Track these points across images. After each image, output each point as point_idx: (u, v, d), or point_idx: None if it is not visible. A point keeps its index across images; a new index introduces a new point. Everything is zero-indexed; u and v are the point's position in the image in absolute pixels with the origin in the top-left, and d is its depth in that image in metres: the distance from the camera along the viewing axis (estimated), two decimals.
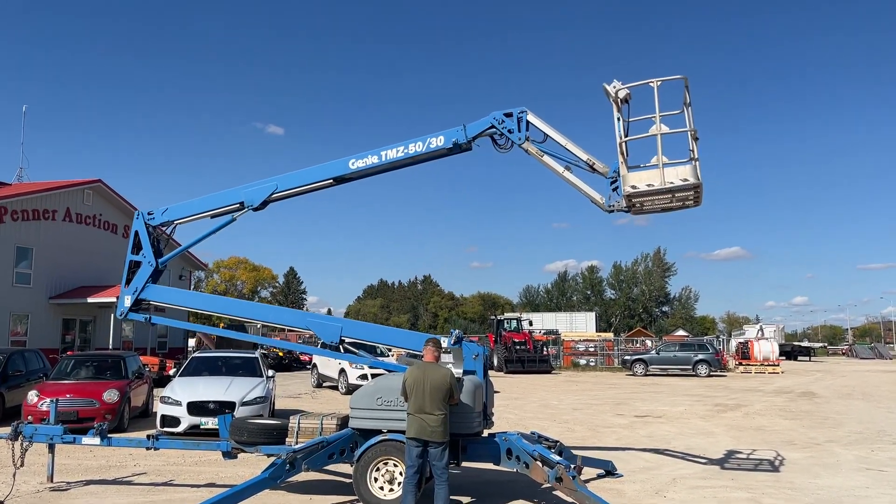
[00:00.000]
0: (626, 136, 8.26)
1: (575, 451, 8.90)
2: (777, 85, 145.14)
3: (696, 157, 8.02)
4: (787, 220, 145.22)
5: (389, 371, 8.86)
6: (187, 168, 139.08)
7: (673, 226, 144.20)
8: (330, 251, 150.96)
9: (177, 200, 10.10)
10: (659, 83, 7.98)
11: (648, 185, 8.05)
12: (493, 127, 8.95)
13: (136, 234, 9.76)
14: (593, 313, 75.67)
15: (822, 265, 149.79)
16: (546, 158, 8.79)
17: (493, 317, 45.69)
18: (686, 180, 7.94)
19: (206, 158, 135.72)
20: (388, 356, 23.20)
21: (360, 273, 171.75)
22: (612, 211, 8.59)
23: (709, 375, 34.58)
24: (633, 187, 8.11)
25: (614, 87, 8.24)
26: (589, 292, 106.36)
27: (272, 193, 9.58)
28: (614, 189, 8.46)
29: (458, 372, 7.94)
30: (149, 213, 9.88)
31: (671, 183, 7.95)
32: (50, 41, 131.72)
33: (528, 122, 8.85)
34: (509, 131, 8.85)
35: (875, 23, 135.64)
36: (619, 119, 8.30)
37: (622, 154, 8.24)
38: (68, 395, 12.95)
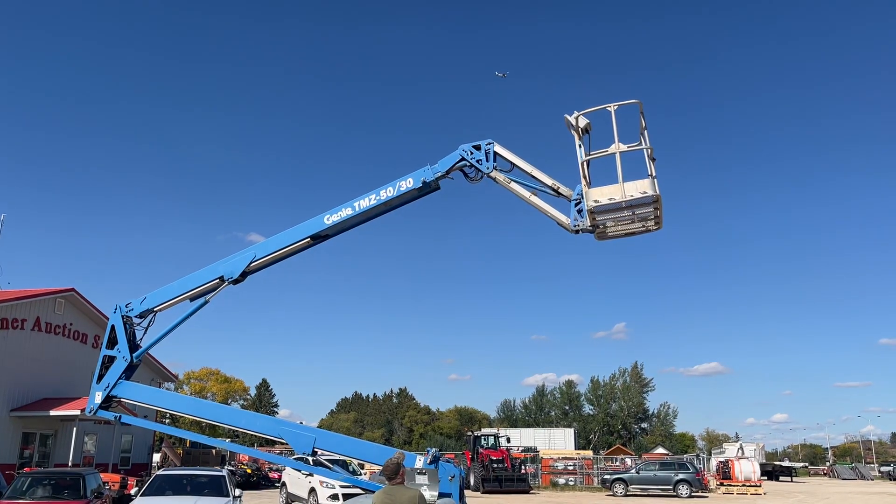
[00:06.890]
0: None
1: None
2: (756, 206, 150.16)
3: (654, 174, 8.43)
4: (764, 336, 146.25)
5: (363, 489, 8.58)
6: (166, 278, 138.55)
7: (651, 340, 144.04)
8: (304, 362, 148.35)
9: None
10: (616, 107, 8.48)
11: (610, 199, 8.39)
12: (462, 159, 9.37)
13: (113, 328, 9.63)
14: (572, 429, 74.12)
15: (799, 382, 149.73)
16: (513, 185, 9.26)
17: (470, 433, 44.61)
18: (645, 193, 8.29)
19: (185, 268, 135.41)
20: (361, 474, 22.41)
21: (335, 385, 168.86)
22: (578, 232, 8.85)
23: (690, 496, 33.66)
24: (596, 201, 8.49)
25: (574, 117, 8.74)
26: (567, 407, 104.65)
27: (251, 262, 9.57)
28: (579, 211, 8.85)
29: (433, 494, 7.70)
30: (127, 305, 9.78)
31: (631, 196, 8.35)
32: (31, 154, 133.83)
33: (495, 153, 9.30)
34: (478, 161, 9.27)
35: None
36: (580, 146, 8.80)
37: (584, 176, 8.64)
38: None
